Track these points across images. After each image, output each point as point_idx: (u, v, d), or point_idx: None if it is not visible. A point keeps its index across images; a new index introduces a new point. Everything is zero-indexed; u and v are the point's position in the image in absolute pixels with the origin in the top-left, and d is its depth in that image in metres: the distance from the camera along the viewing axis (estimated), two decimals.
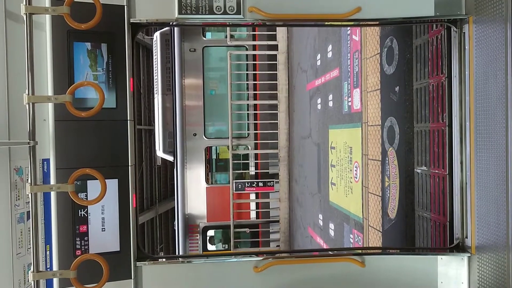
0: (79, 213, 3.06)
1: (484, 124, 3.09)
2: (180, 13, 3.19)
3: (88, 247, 3.08)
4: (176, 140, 10.62)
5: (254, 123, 10.93)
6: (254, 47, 11.06)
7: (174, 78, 10.76)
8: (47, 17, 2.97)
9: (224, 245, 11.41)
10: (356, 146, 6.52)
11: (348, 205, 6.83)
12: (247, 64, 11.05)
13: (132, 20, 3.15)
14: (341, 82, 7.16)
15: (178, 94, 10.69)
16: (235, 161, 10.80)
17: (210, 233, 11.04)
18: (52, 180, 3.00)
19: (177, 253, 10.92)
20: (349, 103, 6.80)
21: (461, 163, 3.37)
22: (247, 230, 10.81)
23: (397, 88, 5.35)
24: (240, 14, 3.21)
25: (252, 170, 11.28)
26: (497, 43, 2.91)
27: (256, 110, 11.00)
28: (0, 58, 2.77)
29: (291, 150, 10.83)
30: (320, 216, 8.28)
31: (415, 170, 4.89)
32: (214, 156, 11.75)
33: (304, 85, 9.69)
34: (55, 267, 3.01)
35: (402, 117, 5.16)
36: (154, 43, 11.21)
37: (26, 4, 2.67)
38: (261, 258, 3.33)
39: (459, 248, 3.37)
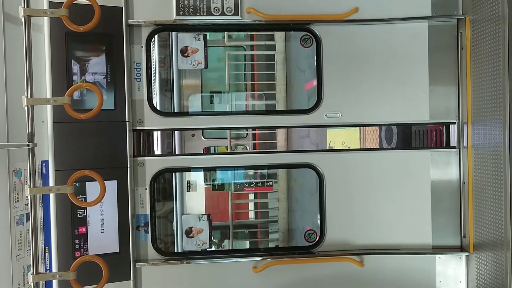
0: (78, 214, 3.06)
1: (482, 123, 3.11)
2: (178, 14, 3.19)
3: (88, 248, 3.08)
4: (174, 141, 10.59)
5: None
6: (252, 47, 11.03)
7: (172, 78, 10.73)
8: (46, 19, 2.97)
9: (223, 246, 11.38)
10: (354, 146, 6.52)
11: None
12: (245, 64, 11.02)
13: (130, 22, 3.16)
14: None
15: (176, 95, 10.67)
16: None
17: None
18: (51, 182, 3.00)
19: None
20: None
21: (459, 162, 3.39)
22: (246, 230, 10.80)
23: None
24: (238, 15, 3.22)
25: (250, 170, 11.26)
26: (494, 42, 2.92)
27: None
28: None
29: (290, 150, 10.81)
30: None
31: None
32: None
33: (302, 85, 9.68)
34: (54, 269, 3.02)
35: None
36: (152, 43, 11.19)
37: (24, 7, 2.67)
38: (260, 258, 3.34)
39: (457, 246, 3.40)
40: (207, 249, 3.52)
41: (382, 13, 3.31)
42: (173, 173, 4.87)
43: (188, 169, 3.85)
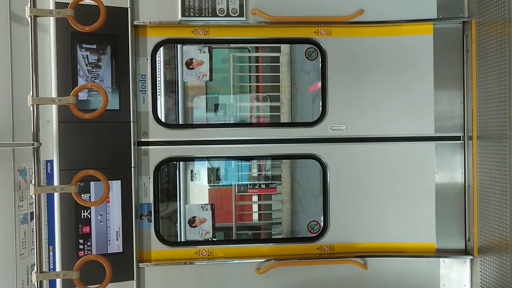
0: (82, 214, 3.07)
1: (487, 126, 3.09)
2: (183, 15, 3.20)
3: (91, 248, 3.09)
4: None
5: None
6: (257, 49, 11.03)
7: (177, 79, 10.75)
8: (51, 20, 2.99)
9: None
10: None
11: None
12: (249, 66, 11.03)
13: (135, 22, 3.17)
14: None
15: (181, 96, 10.69)
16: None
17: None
18: (56, 181, 3.01)
19: None
20: None
21: (464, 165, 3.37)
22: (249, 232, 10.80)
23: None
24: (243, 17, 3.23)
25: (254, 172, 11.25)
26: (500, 45, 2.91)
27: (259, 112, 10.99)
28: (4, 60, 2.79)
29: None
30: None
31: None
32: None
33: (307, 87, 9.67)
34: (58, 268, 3.02)
35: None
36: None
37: (30, 7, 2.69)
38: (263, 260, 3.34)
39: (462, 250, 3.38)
40: (210, 239, 3.50)
41: (387, 15, 3.31)
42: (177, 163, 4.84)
43: (192, 159, 3.81)
